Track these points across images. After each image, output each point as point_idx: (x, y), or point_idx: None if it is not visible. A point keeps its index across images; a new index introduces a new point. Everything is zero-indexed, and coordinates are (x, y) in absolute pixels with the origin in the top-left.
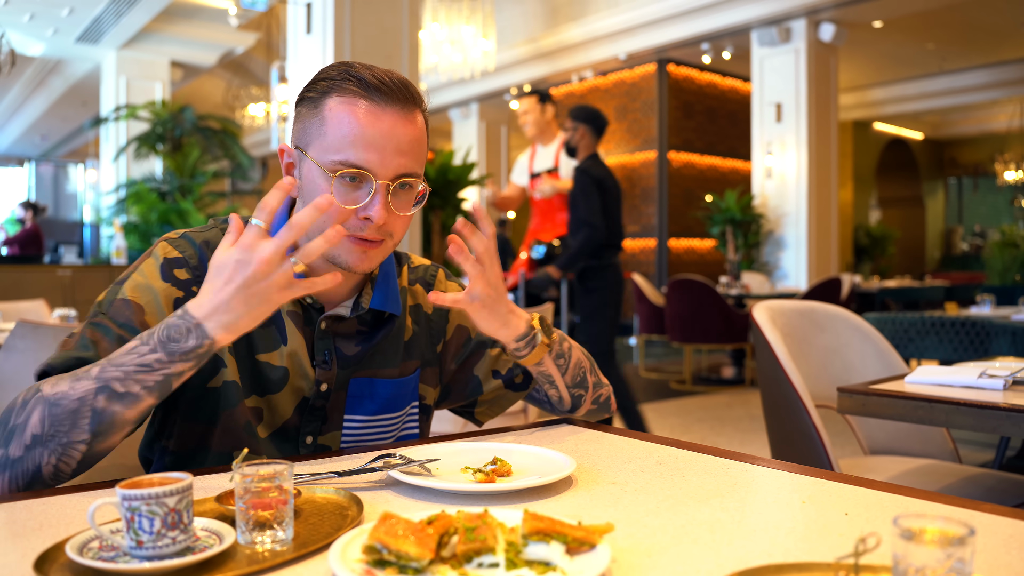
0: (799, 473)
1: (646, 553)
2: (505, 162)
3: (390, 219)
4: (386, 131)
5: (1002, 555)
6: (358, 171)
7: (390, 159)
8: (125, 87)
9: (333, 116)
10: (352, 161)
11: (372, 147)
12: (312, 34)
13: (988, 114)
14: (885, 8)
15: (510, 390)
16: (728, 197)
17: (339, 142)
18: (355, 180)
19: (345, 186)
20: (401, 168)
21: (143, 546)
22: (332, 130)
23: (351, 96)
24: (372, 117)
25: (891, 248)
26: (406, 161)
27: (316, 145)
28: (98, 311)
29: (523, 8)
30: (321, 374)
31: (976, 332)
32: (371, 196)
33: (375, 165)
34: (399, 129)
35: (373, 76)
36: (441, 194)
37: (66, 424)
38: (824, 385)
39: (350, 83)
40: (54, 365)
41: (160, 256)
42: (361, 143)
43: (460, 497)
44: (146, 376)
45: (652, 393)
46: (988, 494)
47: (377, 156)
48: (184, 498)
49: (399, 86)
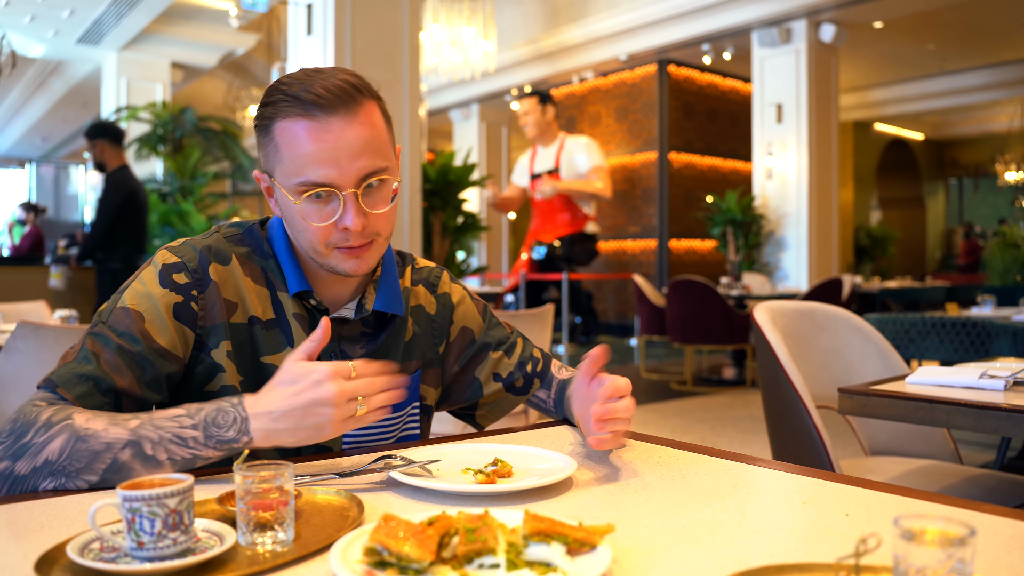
0: (800, 474)
1: (647, 554)
2: (506, 163)
3: (369, 221)
4: (334, 142)
5: (1003, 556)
6: (321, 188)
7: (347, 166)
8: (126, 88)
9: (283, 141)
10: (312, 180)
11: (326, 162)
12: (313, 35)
13: (989, 115)
14: (886, 9)
15: (510, 394)
16: (729, 198)
17: (295, 164)
18: (321, 197)
19: (314, 204)
20: (363, 171)
21: (144, 547)
22: (286, 155)
23: (292, 118)
24: (317, 133)
25: (892, 249)
26: (365, 163)
27: (278, 171)
28: (98, 320)
29: (523, 9)
30: None
31: (977, 333)
32: (342, 208)
33: (335, 178)
34: (348, 134)
35: (307, 91)
36: (442, 195)
37: (83, 461)
38: (825, 386)
39: (287, 104)
40: (56, 380)
41: (159, 263)
42: (315, 161)
43: (461, 498)
44: (177, 448)
45: (653, 394)
46: (989, 495)
47: (335, 169)
48: (185, 499)
49: (336, 91)
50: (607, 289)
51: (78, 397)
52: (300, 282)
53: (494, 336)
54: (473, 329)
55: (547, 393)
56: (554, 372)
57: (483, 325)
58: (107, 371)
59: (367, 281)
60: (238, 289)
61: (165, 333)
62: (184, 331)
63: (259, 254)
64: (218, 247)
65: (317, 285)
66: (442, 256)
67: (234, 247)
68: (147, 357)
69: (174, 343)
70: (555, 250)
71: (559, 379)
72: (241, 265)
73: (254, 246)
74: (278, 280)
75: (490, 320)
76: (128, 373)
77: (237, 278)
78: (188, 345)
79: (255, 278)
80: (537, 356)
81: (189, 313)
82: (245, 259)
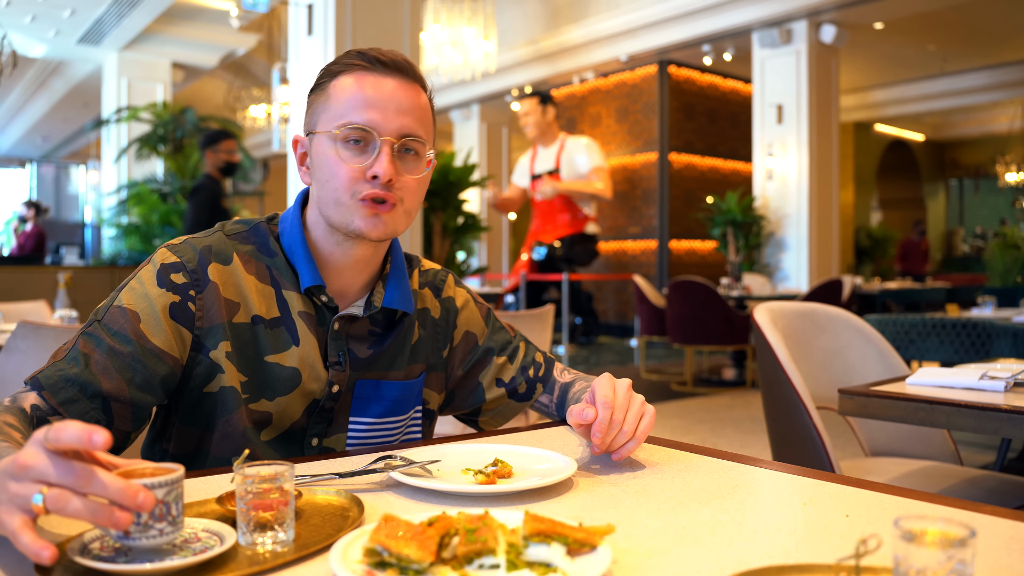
0: (800, 475)
1: (647, 554)
2: (506, 164)
3: (399, 181)
4: (387, 93)
5: (1003, 557)
6: (361, 131)
7: (392, 117)
8: (126, 88)
9: (337, 90)
10: (355, 121)
11: (374, 107)
12: (313, 35)
13: (989, 116)
14: (886, 10)
15: (513, 399)
16: (729, 199)
17: (343, 107)
18: (359, 143)
19: (351, 148)
20: (405, 128)
21: (130, 535)
22: (336, 101)
23: (355, 70)
24: (373, 81)
25: (892, 250)
26: (409, 121)
27: (323, 120)
28: (94, 319)
29: (524, 9)
30: (334, 375)
31: (977, 334)
32: (376, 154)
33: (377, 123)
34: (400, 93)
35: (375, 51)
36: (442, 195)
37: None
38: (825, 387)
39: (354, 60)
40: (42, 381)
41: (158, 262)
42: (363, 104)
43: (461, 498)
44: None
45: (653, 394)
46: (989, 496)
47: (379, 114)
48: (173, 490)
49: (402, 61)
50: (607, 290)
51: (63, 403)
52: (312, 275)
53: (497, 340)
54: (476, 333)
55: (549, 398)
56: (556, 376)
57: (486, 329)
58: (95, 373)
59: (376, 277)
60: (240, 288)
61: (160, 333)
62: (181, 331)
63: (264, 252)
64: (219, 246)
65: (329, 276)
66: (442, 257)
67: (237, 245)
68: (139, 358)
69: (170, 344)
70: (555, 251)
71: (561, 382)
72: (244, 263)
73: (259, 243)
74: (284, 278)
75: (493, 324)
76: (117, 376)
77: (239, 277)
78: (185, 346)
79: (259, 276)
80: (539, 360)
81: (186, 313)
82: (249, 257)
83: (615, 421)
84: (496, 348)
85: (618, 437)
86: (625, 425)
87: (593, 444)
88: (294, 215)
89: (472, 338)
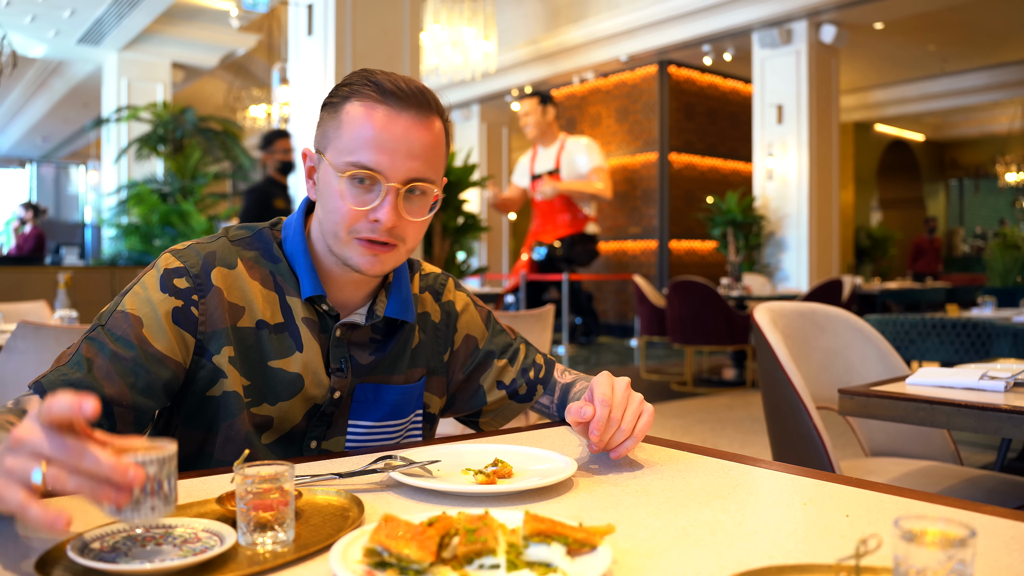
0: (800, 475)
1: (647, 554)
2: (506, 164)
3: (401, 224)
4: (399, 135)
5: (1003, 557)
6: (368, 172)
7: (401, 162)
8: (126, 88)
9: (349, 119)
10: (363, 163)
11: (384, 149)
12: (313, 36)
13: (989, 116)
14: (886, 10)
15: (514, 401)
16: (729, 199)
17: (352, 144)
18: (365, 182)
19: (356, 188)
20: (413, 172)
21: (122, 510)
22: (347, 133)
23: (368, 100)
24: (386, 120)
25: (892, 250)
26: (418, 165)
27: (332, 147)
28: (97, 323)
29: (524, 10)
30: (336, 382)
31: (977, 334)
32: (381, 198)
33: (385, 167)
34: (412, 134)
35: (391, 82)
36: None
37: None
38: (825, 387)
39: (368, 88)
40: (45, 385)
41: (161, 267)
42: (373, 145)
43: (461, 498)
44: None
45: (653, 395)
46: (989, 496)
47: (388, 159)
48: (164, 467)
49: (416, 92)
50: (607, 290)
51: None
52: (314, 285)
53: (498, 343)
54: (477, 337)
55: (550, 399)
56: (556, 377)
57: (487, 332)
58: (98, 379)
59: (379, 287)
60: (244, 293)
61: (163, 338)
62: (183, 336)
63: (268, 258)
64: (223, 252)
65: (330, 288)
66: (442, 257)
67: (241, 251)
68: (141, 363)
69: (172, 348)
70: (555, 251)
71: (562, 383)
72: (248, 269)
73: (263, 250)
74: (287, 284)
75: (494, 327)
76: (120, 381)
77: (244, 282)
78: (188, 350)
79: (263, 282)
80: (540, 362)
81: (189, 318)
82: (253, 263)
83: (613, 419)
84: (497, 351)
85: (616, 435)
86: (623, 423)
87: (591, 442)
88: (297, 223)
89: (473, 341)
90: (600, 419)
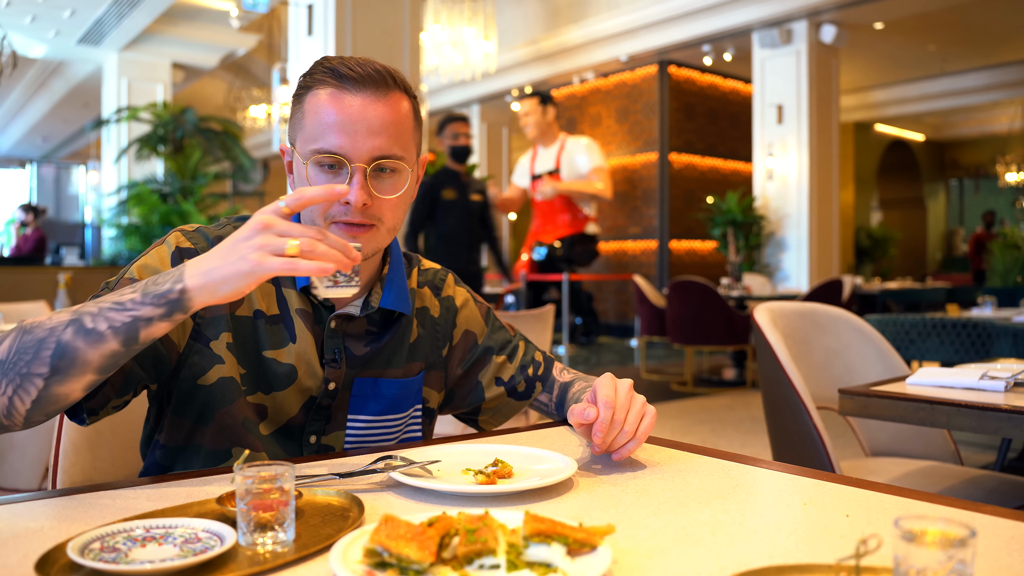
0: (800, 475)
1: (647, 555)
2: (506, 164)
3: (375, 203)
4: (356, 114)
5: (1003, 557)
6: (332, 156)
7: (363, 141)
8: (126, 89)
9: (311, 108)
10: (325, 148)
11: (344, 131)
12: (313, 36)
13: (989, 116)
14: (886, 10)
15: (512, 398)
16: (729, 199)
17: (316, 131)
18: (332, 167)
19: (324, 173)
20: (376, 150)
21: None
22: (309, 122)
23: (326, 87)
24: (343, 103)
25: (892, 250)
26: (381, 142)
27: (300, 138)
28: (104, 285)
29: (524, 10)
30: (330, 373)
31: (977, 334)
32: (348, 180)
33: (347, 149)
34: (370, 111)
35: (345, 66)
36: None
37: (30, 352)
38: (825, 387)
39: (325, 75)
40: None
41: (172, 244)
42: (334, 129)
43: (461, 499)
44: (116, 314)
45: (653, 395)
46: (989, 496)
47: (349, 140)
48: None
49: (372, 72)
50: (607, 290)
51: None
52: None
53: (497, 340)
54: (476, 332)
55: (548, 397)
56: (555, 375)
57: (486, 328)
58: None
59: (374, 279)
60: None
61: None
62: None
63: None
64: None
65: None
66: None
67: None
68: None
69: None
70: (555, 251)
71: (561, 382)
72: None
73: None
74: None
75: (493, 323)
76: None
77: None
78: (185, 331)
79: None
80: (539, 360)
81: None
82: None
83: (616, 421)
84: (495, 347)
85: (619, 437)
86: (626, 425)
87: (594, 444)
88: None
89: (472, 337)
90: (603, 421)
